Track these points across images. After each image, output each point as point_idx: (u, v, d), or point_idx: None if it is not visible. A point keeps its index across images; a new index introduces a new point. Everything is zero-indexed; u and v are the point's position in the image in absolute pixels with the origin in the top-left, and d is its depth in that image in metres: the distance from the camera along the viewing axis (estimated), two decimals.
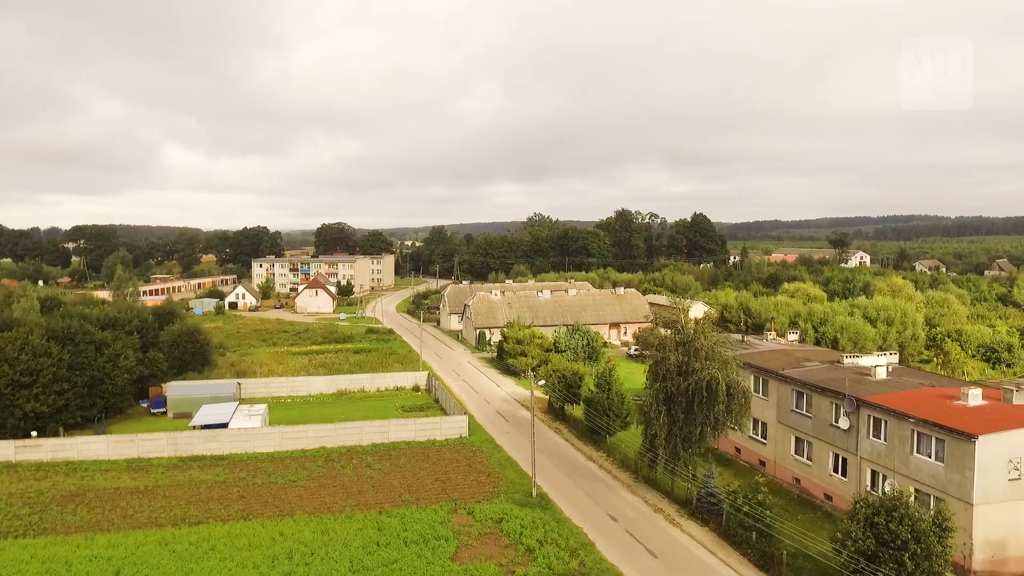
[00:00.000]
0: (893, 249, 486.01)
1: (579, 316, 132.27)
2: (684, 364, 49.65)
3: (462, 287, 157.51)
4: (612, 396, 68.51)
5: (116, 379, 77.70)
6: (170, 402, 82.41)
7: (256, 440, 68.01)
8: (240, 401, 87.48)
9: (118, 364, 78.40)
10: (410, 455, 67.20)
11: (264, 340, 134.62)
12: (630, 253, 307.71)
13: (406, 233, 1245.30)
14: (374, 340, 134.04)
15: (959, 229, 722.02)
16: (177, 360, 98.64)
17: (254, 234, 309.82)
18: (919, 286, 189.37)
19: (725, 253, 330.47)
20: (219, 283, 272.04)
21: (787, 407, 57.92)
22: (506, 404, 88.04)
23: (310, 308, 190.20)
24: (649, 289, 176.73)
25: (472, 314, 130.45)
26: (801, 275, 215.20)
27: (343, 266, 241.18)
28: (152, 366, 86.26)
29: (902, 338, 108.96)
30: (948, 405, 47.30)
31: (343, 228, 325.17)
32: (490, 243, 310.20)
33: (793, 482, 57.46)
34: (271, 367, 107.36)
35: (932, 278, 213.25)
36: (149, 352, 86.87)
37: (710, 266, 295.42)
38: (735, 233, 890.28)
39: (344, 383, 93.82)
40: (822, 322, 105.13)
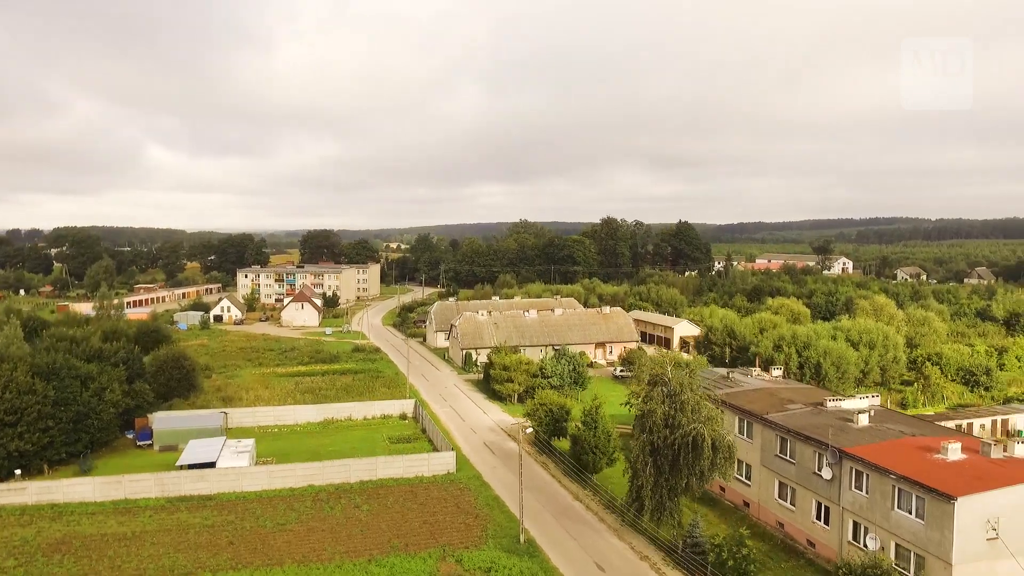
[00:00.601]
0: (875, 254, 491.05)
1: (565, 336, 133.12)
2: (670, 417, 50.30)
3: (449, 304, 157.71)
4: (599, 434, 69.14)
5: (102, 414, 77.40)
6: (156, 435, 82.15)
7: (244, 479, 68.01)
8: (226, 431, 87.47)
9: (104, 398, 78.10)
10: (398, 494, 67.45)
11: (250, 360, 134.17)
12: (615, 261, 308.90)
13: (390, 235, 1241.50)
14: (361, 360, 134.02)
15: (939, 232, 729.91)
16: (163, 386, 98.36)
17: (239, 241, 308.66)
18: (900, 300, 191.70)
19: (710, 261, 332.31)
20: (203, 292, 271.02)
21: (771, 451, 58.74)
22: (493, 434, 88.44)
23: (296, 322, 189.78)
24: (634, 304, 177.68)
25: (459, 334, 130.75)
26: (785, 287, 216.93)
27: (329, 276, 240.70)
28: (138, 397, 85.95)
29: (884, 361, 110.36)
30: (928, 460, 48.20)
31: (328, 236, 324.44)
32: (476, 251, 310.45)
33: (777, 526, 58.28)
34: (257, 391, 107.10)
35: (913, 289, 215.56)
36: (135, 383, 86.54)
37: (695, 275, 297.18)
38: (719, 236, 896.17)
39: (331, 411, 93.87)
40: (806, 346, 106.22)
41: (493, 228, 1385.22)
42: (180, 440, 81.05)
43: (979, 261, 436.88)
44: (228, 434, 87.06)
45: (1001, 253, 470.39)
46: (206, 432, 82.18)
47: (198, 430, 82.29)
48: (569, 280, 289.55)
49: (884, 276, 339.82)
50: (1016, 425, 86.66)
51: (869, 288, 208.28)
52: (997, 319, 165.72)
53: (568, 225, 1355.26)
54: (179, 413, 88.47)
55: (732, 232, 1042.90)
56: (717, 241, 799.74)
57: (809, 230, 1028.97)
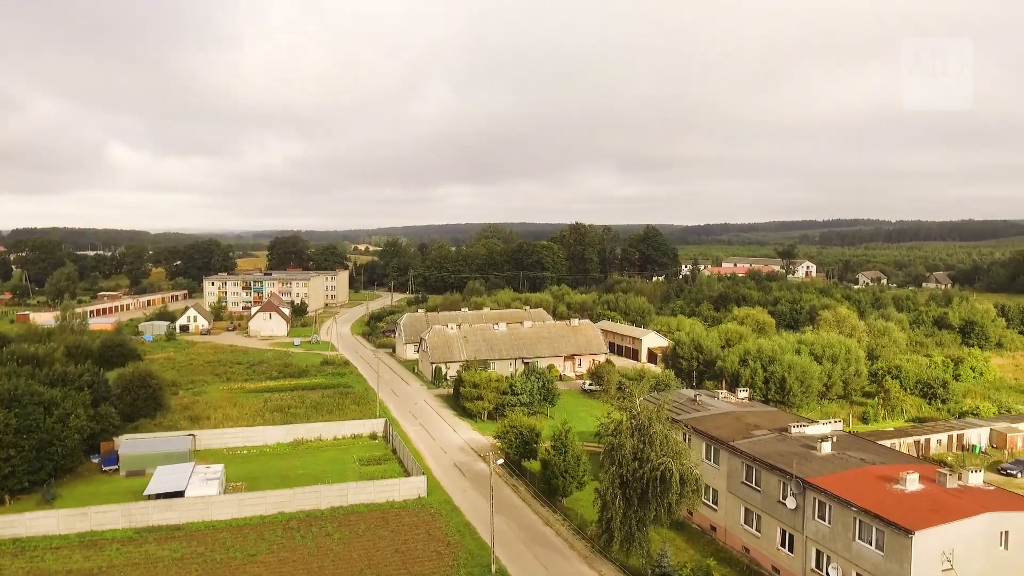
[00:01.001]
0: (837, 257, 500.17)
1: (535, 349, 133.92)
2: (639, 451, 51.20)
3: (418, 316, 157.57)
4: (568, 458, 69.91)
5: (66, 440, 76.19)
6: (123, 460, 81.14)
7: (214, 508, 67.59)
8: (195, 453, 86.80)
9: (68, 424, 76.89)
10: (369, 521, 67.57)
11: (218, 374, 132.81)
12: (584, 267, 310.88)
13: (358, 236, 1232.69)
14: (330, 374, 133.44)
15: (899, 235, 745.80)
16: (129, 407, 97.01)
17: (205, 247, 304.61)
18: (862, 308, 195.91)
19: (677, 266, 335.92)
20: (169, 299, 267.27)
21: (737, 478, 60.00)
22: (463, 454, 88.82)
23: (264, 332, 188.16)
24: (602, 314, 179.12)
25: (428, 348, 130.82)
26: (750, 294, 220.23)
27: (297, 284, 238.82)
28: (104, 421, 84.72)
29: (846, 374, 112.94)
30: (887, 491, 49.70)
31: (296, 241, 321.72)
32: (445, 256, 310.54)
33: (743, 551, 59.56)
34: (226, 410, 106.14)
35: (874, 295, 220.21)
36: (101, 407, 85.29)
37: (662, 280, 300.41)
38: (686, 237, 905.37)
39: (301, 432, 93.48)
40: (771, 360, 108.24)
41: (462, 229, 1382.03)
42: (147, 465, 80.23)
43: (937, 265, 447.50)
44: (196, 456, 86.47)
45: (957, 256, 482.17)
46: (174, 456, 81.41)
47: (165, 454, 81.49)
48: (538, 286, 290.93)
49: (846, 280, 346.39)
50: (970, 440, 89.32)
51: (832, 295, 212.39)
52: (953, 327, 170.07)
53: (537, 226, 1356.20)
54: (146, 437, 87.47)
55: (699, 233, 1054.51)
56: (684, 243, 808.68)
57: (774, 231, 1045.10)
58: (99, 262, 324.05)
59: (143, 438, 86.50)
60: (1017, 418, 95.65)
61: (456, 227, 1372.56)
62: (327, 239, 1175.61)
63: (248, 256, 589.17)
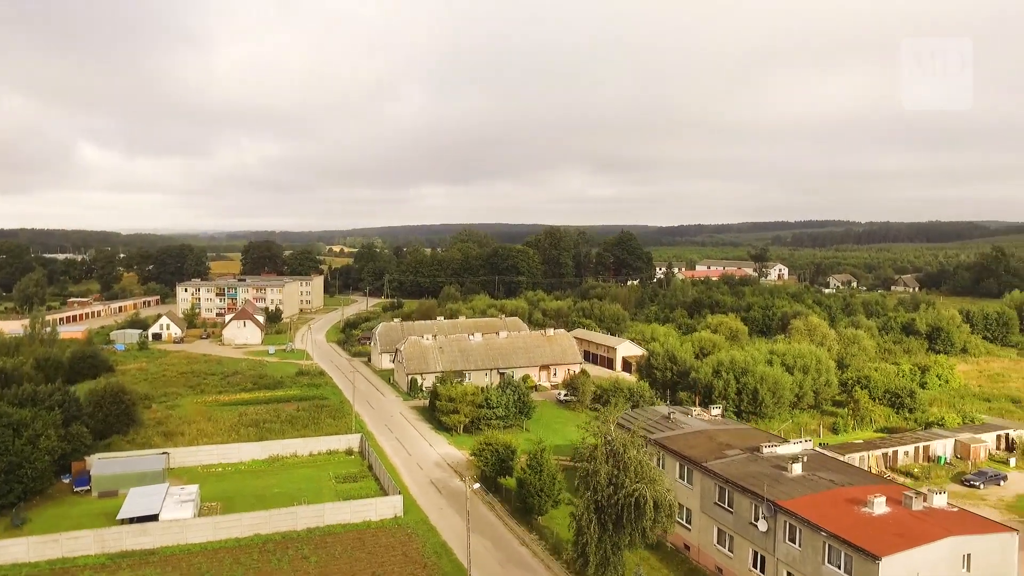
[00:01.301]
0: (809, 259, 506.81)
1: (510, 360, 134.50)
2: (614, 477, 51.88)
3: (394, 325, 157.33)
4: (544, 477, 70.52)
5: (36, 462, 75.30)
6: (95, 480, 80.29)
7: (188, 531, 67.22)
8: (169, 471, 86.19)
9: (38, 446, 76.03)
10: (346, 542, 67.63)
11: (192, 386, 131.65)
12: (559, 271, 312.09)
13: (333, 237, 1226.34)
14: (305, 385, 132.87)
15: (869, 236, 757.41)
16: (101, 423, 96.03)
17: (178, 251, 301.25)
18: (833, 314, 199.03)
19: (651, 270, 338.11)
20: (141, 305, 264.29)
21: (710, 499, 60.96)
22: (439, 470, 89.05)
23: (238, 340, 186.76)
24: (577, 321, 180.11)
25: (403, 359, 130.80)
26: (724, 300, 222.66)
27: (271, 290, 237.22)
28: (75, 440, 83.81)
29: (817, 385, 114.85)
30: (856, 514, 50.88)
31: (271, 246, 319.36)
32: (420, 261, 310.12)
33: (716, 571, 60.52)
34: (200, 424, 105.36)
35: (845, 301, 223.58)
36: (72, 426, 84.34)
37: (637, 284, 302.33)
38: (660, 238, 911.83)
39: (277, 448, 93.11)
40: (743, 372, 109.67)
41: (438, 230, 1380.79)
42: (120, 485, 79.60)
43: (905, 267, 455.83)
44: (171, 475, 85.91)
45: (924, 258, 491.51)
46: (147, 477, 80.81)
47: (139, 474, 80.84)
48: (513, 291, 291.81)
49: (818, 284, 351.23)
50: (936, 451, 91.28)
51: (804, 301, 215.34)
52: (921, 333, 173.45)
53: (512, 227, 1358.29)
54: (119, 456, 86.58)
55: (673, 235, 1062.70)
56: (658, 244, 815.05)
57: (747, 232, 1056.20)
58: (69, 266, 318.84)
59: (115, 457, 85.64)
60: (980, 428, 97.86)
61: (431, 228, 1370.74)
62: (302, 240, 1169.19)
63: (222, 258, 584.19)
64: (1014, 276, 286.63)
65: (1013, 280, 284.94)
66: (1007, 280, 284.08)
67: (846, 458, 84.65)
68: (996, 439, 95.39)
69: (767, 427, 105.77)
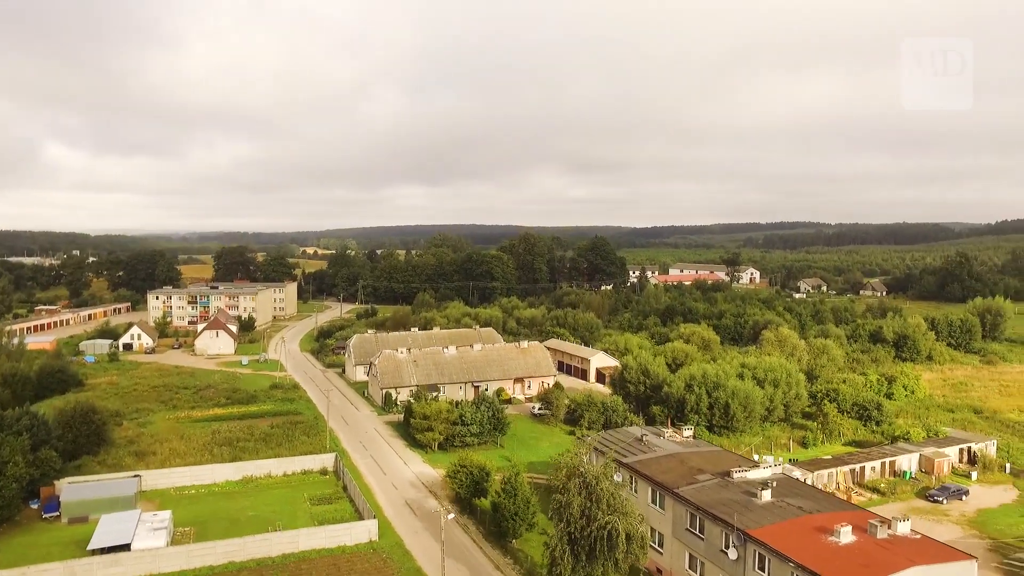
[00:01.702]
0: (780, 262, 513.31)
1: (484, 373, 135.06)
2: (587, 509, 52.65)
3: (368, 337, 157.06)
4: (518, 501, 71.18)
5: (3, 490, 74.34)
6: (64, 506, 79.38)
7: (161, 560, 66.88)
8: (141, 494, 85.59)
9: (5, 473, 75.05)
10: (321, 568, 67.70)
11: (164, 401, 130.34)
12: (533, 276, 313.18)
13: (307, 238, 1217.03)
14: (279, 400, 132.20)
15: (839, 238, 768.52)
16: (70, 444, 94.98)
17: (148, 257, 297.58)
18: (803, 321, 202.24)
19: (625, 275, 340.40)
20: (111, 312, 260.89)
21: (682, 524, 61.99)
22: (414, 490, 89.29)
23: (210, 350, 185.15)
24: (552, 331, 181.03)
25: (378, 373, 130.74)
26: (696, 307, 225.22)
27: (244, 298, 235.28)
28: (44, 465, 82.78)
29: (787, 398, 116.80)
30: (823, 544, 52.14)
31: (243, 251, 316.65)
32: (394, 267, 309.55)
33: None
34: (172, 443, 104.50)
35: (815, 308, 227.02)
36: (40, 451, 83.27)
37: (610, 289, 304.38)
38: (635, 239, 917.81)
39: (250, 468, 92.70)
40: (715, 386, 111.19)
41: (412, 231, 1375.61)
42: (91, 511, 78.92)
43: (873, 270, 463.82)
44: (143, 497, 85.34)
45: (892, 261, 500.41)
46: (119, 502, 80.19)
47: (110, 500, 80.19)
48: (487, 297, 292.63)
49: (789, 288, 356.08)
50: (902, 466, 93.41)
51: (775, 308, 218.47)
52: (888, 341, 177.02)
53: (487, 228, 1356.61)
54: (89, 479, 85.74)
55: (648, 236, 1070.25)
56: (632, 246, 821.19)
57: (720, 234, 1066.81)
58: (36, 272, 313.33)
59: (86, 481, 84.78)
60: (944, 441, 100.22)
61: (406, 229, 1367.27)
62: (275, 241, 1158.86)
63: (194, 262, 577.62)
64: (977, 281, 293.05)
65: (976, 285, 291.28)
66: (970, 285, 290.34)
67: (815, 475, 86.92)
68: (959, 452, 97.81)
69: (739, 441, 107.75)
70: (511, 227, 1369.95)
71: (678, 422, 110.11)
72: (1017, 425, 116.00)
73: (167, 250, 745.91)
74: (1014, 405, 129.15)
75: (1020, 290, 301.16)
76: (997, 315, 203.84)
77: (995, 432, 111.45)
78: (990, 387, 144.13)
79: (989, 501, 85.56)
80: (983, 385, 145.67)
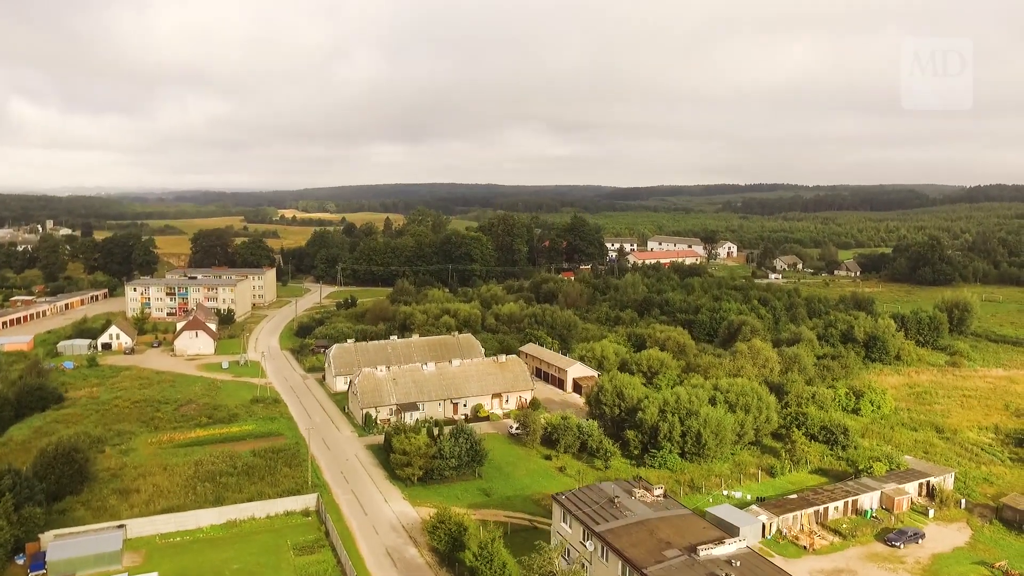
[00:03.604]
0: (758, 231, 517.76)
1: (463, 389, 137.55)
2: None
3: (347, 347, 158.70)
4: (494, 567, 74.07)
5: None
6: (50, 565, 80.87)
7: None
8: (127, 543, 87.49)
9: None
10: None
11: (145, 421, 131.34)
12: (512, 258, 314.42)
13: (284, 198, 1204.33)
14: (261, 418, 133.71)
15: (816, 204, 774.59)
16: (54, 484, 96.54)
17: (124, 241, 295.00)
18: (776, 316, 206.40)
19: (604, 254, 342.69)
20: (89, 300, 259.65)
21: None
22: (395, 535, 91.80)
23: (190, 350, 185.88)
24: (529, 332, 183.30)
25: (358, 391, 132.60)
26: (674, 299, 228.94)
27: (223, 290, 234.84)
28: (28, 523, 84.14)
29: (757, 422, 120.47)
30: None
31: (221, 235, 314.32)
32: (373, 249, 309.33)
33: None
34: (155, 478, 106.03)
35: (789, 300, 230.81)
36: (24, 509, 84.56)
37: (589, 271, 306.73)
38: (614, 202, 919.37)
39: (233, 513, 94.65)
40: (688, 414, 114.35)
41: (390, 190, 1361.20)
42: (76, 568, 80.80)
43: (849, 242, 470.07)
44: (128, 546, 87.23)
45: (867, 232, 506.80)
46: (104, 558, 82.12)
47: (96, 556, 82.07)
48: (467, 279, 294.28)
49: (765, 266, 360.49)
50: (863, 505, 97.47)
51: (750, 301, 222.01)
52: (858, 340, 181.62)
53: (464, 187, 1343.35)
54: (75, 532, 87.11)
55: (627, 197, 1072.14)
56: (612, 209, 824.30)
57: (699, 195, 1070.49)
58: (9, 257, 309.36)
59: (71, 535, 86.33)
60: (905, 475, 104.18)
61: (384, 188, 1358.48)
62: (253, 201, 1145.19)
63: (170, 231, 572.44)
64: (948, 264, 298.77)
65: (947, 268, 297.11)
66: (941, 268, 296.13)
67: (781, 519, 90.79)
68: (918, 487, 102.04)
69: (709, 469, 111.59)
70: (490, 186, 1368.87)
71: (651, 450, 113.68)
72: (975, 447, 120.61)
73: (143, 214, 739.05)
74: (974, 420, 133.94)
75: (988, 272, 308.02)
76: (964, 310, 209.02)
77: (954, 457, 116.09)
78: (953, 397, 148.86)
79: (944, 544, 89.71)
80: (946, 395, 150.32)
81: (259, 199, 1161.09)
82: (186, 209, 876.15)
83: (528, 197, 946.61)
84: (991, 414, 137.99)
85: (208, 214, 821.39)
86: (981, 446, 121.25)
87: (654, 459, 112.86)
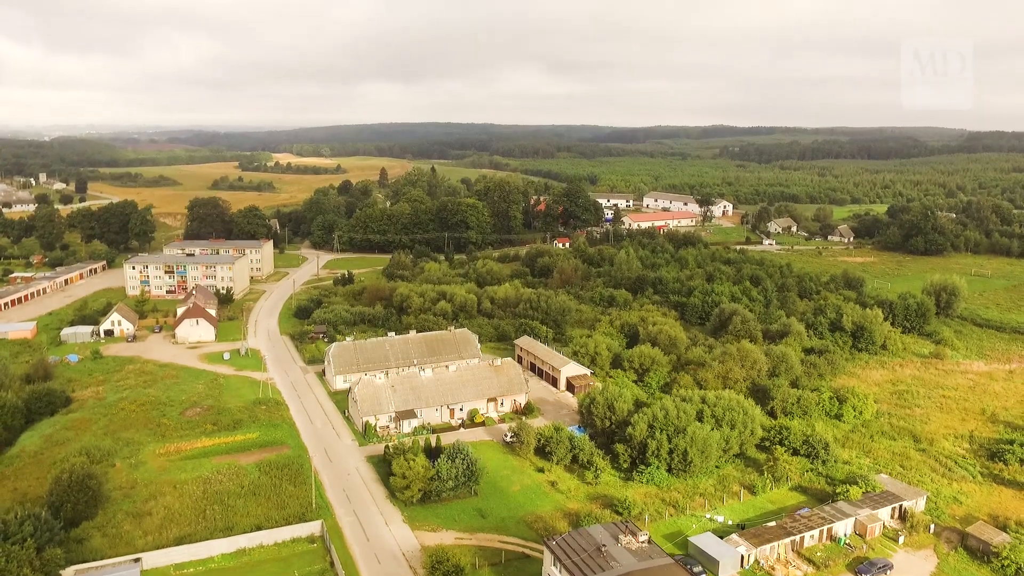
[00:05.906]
0: (754, 184, 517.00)
1: (459, 395, 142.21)
2: None
3: (346, 346, 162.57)
4: None
5: None
6: None
7: None
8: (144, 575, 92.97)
9: None
10: None
11: (152, 429, 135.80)
12: (508, 225, 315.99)
13: (278, 140, 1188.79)
14: (264, 424, 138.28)
15: (814, 151, 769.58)
16: (70, 511, 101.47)
17: (121, 210, 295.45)
18: (768, 299, 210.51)
19: (599, 218, 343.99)
20: (88, 274, 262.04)
21: None
22: (395, 563, 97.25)
23: (191, 338, 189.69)
24: (525, 325, 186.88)
25: (357, 399, 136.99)
26: (667, 277, 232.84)
27: (222, 268, 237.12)
28: (50, 565, 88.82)
29: (742, 437, 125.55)
30: None
31: (215, 204, 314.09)
32: (370, 216, 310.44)
33: None
34: (166, 499, 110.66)
35: (781, 277, 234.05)
36: (46, 552, 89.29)
37: (584, 239, 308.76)
38: (611, 147, 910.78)
39: (243, 541, 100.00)
40: (676, 431, 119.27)
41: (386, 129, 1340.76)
42: None
43: (844, 198, 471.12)
44: None
45: (863, 187, 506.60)
46: None
47: None
48: (463, 247, 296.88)
49: (759, 231, 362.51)
50: (838, 532, 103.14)
51: (742, 283, 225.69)
52: (846, 330, 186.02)
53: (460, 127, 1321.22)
54: (93, 569, 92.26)
55: (624, 139, 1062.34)
56: (608, 154, 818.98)
57: (697, 139, 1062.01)
58: (6, 226, 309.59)
59: (90, 571, 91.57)
60: (879, 499, 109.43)
61: (379, 127, 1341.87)
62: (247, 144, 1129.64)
63: (164, 184, 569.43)
64: (940, 235, 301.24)
65: (939, 239, 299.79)
66: (933, 239, 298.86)
67: (759, 550, 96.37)
68: (891, 511, 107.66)
69: (694, 485, 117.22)
70: (485, 125, 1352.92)
71: (639, 465, 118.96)
72: (949, 460, 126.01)
73: (135, 161, 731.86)
74: (951, 427, 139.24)
75: (979, 242, 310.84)
76: (952, 293, 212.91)
77: (928, 472, 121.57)
78: (933, 397, 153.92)
79: (911, 575, 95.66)
80: (927, 394, 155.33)
81: (253, 141, 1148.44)
82: (179, 155, 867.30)
83: (524, 140, 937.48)
84: (968, 419, 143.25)
85: (202, 159, 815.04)
86: (955, 459, 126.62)
87: (642, 475, 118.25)
